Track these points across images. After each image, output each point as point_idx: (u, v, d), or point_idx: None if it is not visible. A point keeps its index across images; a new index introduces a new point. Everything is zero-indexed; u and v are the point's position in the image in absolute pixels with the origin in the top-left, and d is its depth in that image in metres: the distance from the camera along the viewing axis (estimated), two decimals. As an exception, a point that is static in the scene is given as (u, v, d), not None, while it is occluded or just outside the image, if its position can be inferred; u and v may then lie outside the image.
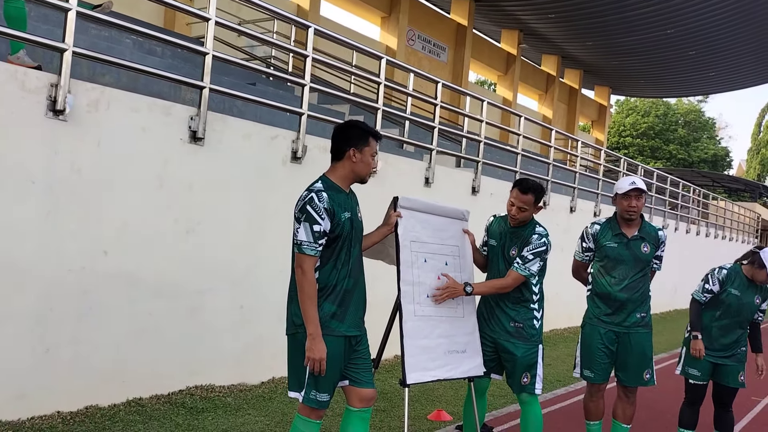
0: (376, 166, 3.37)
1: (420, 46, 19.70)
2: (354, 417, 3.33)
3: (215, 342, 5.44)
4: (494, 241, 4.19)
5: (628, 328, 4.31)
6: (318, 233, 3.07)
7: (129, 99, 4.78)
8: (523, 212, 4.01)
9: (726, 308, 4.62)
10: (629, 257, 4.29)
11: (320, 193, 3.11)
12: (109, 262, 4.68)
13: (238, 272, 5.60)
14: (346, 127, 3.34)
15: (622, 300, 4.28)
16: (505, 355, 4.08)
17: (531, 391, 4.06)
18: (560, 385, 7.00)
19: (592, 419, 4.51)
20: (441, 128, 8.30)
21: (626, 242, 4.30)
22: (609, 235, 4.37)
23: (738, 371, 4.64)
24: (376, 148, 3.35)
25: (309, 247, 3.07)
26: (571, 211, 11.39)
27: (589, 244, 4.45)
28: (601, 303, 4.37)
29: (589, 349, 4.40)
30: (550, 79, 25.56)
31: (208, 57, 5.25)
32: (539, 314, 4.10)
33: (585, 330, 4.45)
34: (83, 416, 4.49)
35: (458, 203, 4.64)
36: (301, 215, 3.08)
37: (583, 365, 4.44)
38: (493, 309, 4.12)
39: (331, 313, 3.16)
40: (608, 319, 4.33)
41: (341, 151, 3.26)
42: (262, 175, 5.75)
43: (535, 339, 4.07)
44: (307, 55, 6.18)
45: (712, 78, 26.43)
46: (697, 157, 44.55)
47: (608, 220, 4.47)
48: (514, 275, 3.97)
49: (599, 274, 4.41)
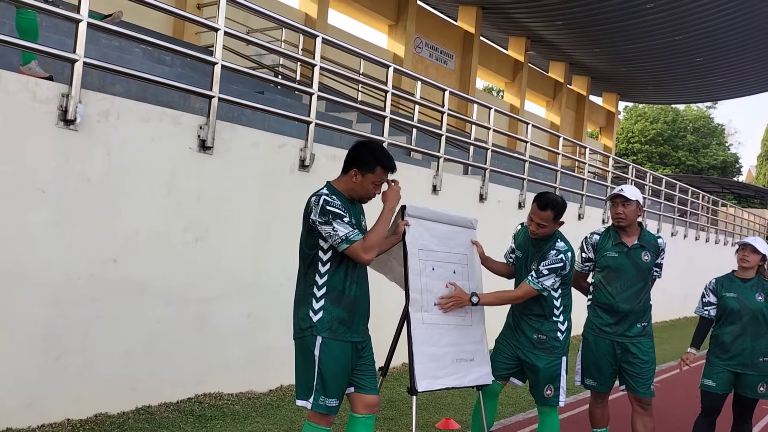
0: (378, 193, 3.37)
1: (427, 54, 19.75)
2: (358, 423, 3.33)
3: (223, 350, 5.45)
4: (520, 252, 4.19)
5: (631, 338, 4.28)
6: (350, 223, 3.13)
7: (139, 109, 4.82)
8: (542, 228, 3.97)
9: (729, 313, 4.60)
10: (630, 267, 4.27)
11: (330, 195, 3.17)
12: (118, 270, 4.71)
13: (246, 280, 5.62)
14: (361, 146, 3.34)
15: (625, 311, 4.26)
16: (529, 366, 4.07)
17: (554, 403, 4.05)
18: (569, 393, 6.95)
19: (599, 426, 4.49)
20: (448, 136, 8.32)
21: (626, 251, 4.29)
22: (609, 244, 4.34)
23: (758, 382, 4.57)
24: (383, 178, 3.31)
25: (354, 234, 3.12)
26: (579, 218, 11.36)
27: (589, 254, 4.43)
28: (602, 313, 4.35)
29: (592, 358, 4.38)
30: (558, 85, 25.54)
31: (217, 66, 5.29)
32: (564, 326, 4.06)
33: (588, 341, 4.43)
34: (93, 424, 4.51)
35: (466, 211, 4.64)
36: (327, 216, 3.11)
37: (585, 374, 4.43)
38: (518, 320, 4.12)
39: (339, 318, 3.19)
40: (610, 329, 4.31)
41: (347, 167, 3.29)
42: (270, 183, 5.77)
43: (558, 351, 4.04)
44: (315, 64, 6.22)
45: (720, 84, 26.35)
46: (707, 163, 44.35)
47: (607, 229, 4.45)
48: (525, 288, 3.96)
49: (600, 284, 4.38)
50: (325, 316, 3.17)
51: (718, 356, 4.62)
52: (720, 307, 4.64)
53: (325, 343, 3.15)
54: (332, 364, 3.16)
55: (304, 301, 3.22)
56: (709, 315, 4.69)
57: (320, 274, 3.21)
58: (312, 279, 3.22)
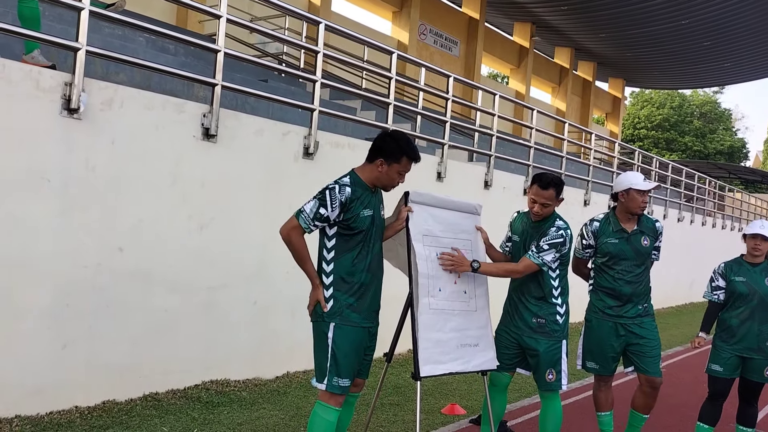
0: (402, 182, 3.44)
1: (432, 41, 19.64)
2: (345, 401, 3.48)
3: (230, 337, 5.48)
4: (517, 236, 4.19)
5: (633, 319, 4.34)
6: (320, 216, 3.27)
7: (142, 97, 4.82)
8: (546, 208, 4.00)
9: (737, 297, 4.59)
10: (631, 252, 4.32)
11: (344, 187, 3.28)
12: (124, 259, 4.73)
13: (251, 268, 5.63)
14: (387, 137, 3.46)
15: (628, 294, 4.32)
16: (529, 351, 4.09)
17: (557, 388, 4.07)
18: (573, 379, 6.97)
19: (603, 410, 4.51)
20: (453, 122, 8.28)
21: (627, 237, 4.33)
22: (609, 231, 4.38)
23: (764, 366, 4.57)
24: (408, 168, 3.46)
25: (305, 219, 3.27)
26: (585, 204, 11.33)
27: (589, 240, 4.45)
28: (605, 297, 4.39)
29: (595, 341, 4.41)
30: (564, 71, 25.39)
31: (220, 54, 5.28)
32: (563, 309, 4.08)
33: (591, 323, 4.46)
34: (101, 411, 4.55)
35: (471, 197, 4.63)
36: (318, 195, 3.28)
37: (587, 357, 4.46)
38: (516, 305, 4.13)
39: (347, 304, 3.31)
40: (613, 312, 4.35)
41: (373, 156, 3.40)
42: (274, 171, 5.77)
43: (558, 335, 4.05)
44: (318, 51, 6.19)
45: (727, 69, 26.13)
46: (713, 148, 44.08)
47: (606, 215, 4.47)
48: (526, 262, 3.96)
49: (602, 269, 4.42)
50: (335, 304, 3.30)
51: (724, 340, 4.62)
52: (728, 291, 4.64)
53: (338, 327, 3.28)
54: (345, 346, 3.29)
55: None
56: (719, 299, 4.68)
57: (326, 261, 3.35)
58: (320, 266, 3.38)
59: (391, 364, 4.39)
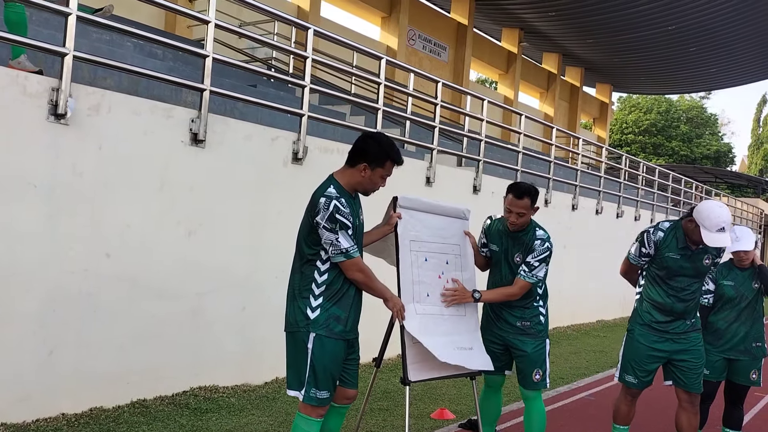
0: (383, 186, 3.39)
1: (420, 46, 19.70)
2: (334, 411, 3.45)
3: (218, 343, 5.46)
4: (496, 246, 4.16)
5: (679, 335, 4.16)
6: (353, 235, 3.18)
7: (130, 102, 4.80)
8: (521, 218, 3.98)
9: (726, 300, 4.64)
10: (691, 270, 4.10)
11: (339, 199, 3.15)
12: (111, 265, 4.71)
13: (240, 273, 5.62)
14: (370, 139, 3.33)
15: (679, 311, 4.13)
16: (516, 351, 4.10)
17: (542, 387, 4.10)
18: (563, 383, 7.01)
19: (621, 423, 4.36)
20: (442, 128, 8.31)
21: (690, 255, 4.08)
22: (673, 245, 4.09)
23: (750, 369, 4.61)
24: (391, 171, 3.35)
25: (354, 250, 3.18)
26: (573, 208, 11.38)
27: (649, 250, 4.15)
28: (654, 311, 4.19)
29: (636, 354, 4.23)
30: (552, 77, 25.54)
31: (209, 59, 5.27)
32: (544, 310, 4.14)
33: (633, 334, 4.27)
34: (88, 418, 4.51)
35: (459, 202, 4.64)
36: (335, 225, 3.12)
37: (625, 370, 4.28)
38: (500, 308, 4.14)
39: (336, 316, 3.22)
40: (661, 327, 4.17)
41: (355, 160, 3.28)
42: (263, 177, 5.77)
43: (542, 335, 4.11)
44: (307, 56, 6.20)
45: (713, 74, 26.38)
46: (700, 153, 44.44)
47: (673, 227, 4.14)
48: (521, 283, 3.98)
49: (654, 281, 4.20)
50: (323, 314, 3.19)
51: (711, 343, 4.64)
52: (716, 294, 4.67)
53: (319, 338, 3.18)
54: (325, 359, 3.19)
55: (300, 297, 3.22)
56: (708, 302, 4.70)
57: (320, 272, 3.22)
58: (310, 275, 3.23)
59: (381, 370, 4.38)
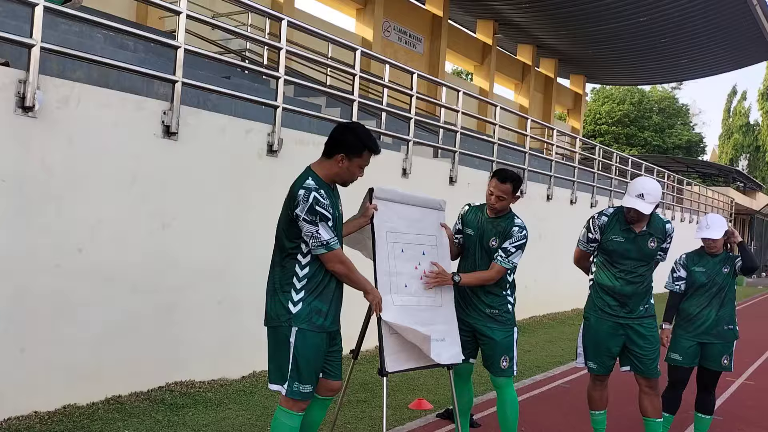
0: (361, 176, 3.37)
1: (396, 38, 19.65)
2: (317, 404, 3.44)
3: (195, 338, 5.42)
4: (471, 230, 4.19)
5: (634, 319, 4.20)
6: (333, 227, 3.16)
7: (100, 94, 4.73)
8: (501, 201, 4.03)
9: (697, 287, 4.71)
10: (636, 253, 4.16)
11: (319, 191, 3.12)
12: (83, 260, 4.64)
13: (215, 267, 5.58)
14: (346, 130, 3.29)
15: (628, 293, 4.18)
16: (483, 339, 4.12)
17: (510, 374, 4.12)
18: (539, 371, 7.08)
19: (596, 409, 4.42)
20: (417, 119, 8.32)
21: (633, 237, 4.15)
22: (616, 228, 4.19)
23: (722, 354, 4.68)
24: (368, 161, 3.32)
25: (335, 241, 3.16)
26: (547, 199, 11.48)
27: (595, 235, 4.27)
28: (605, 295, 4.26)
29: (593, 340, 4.30)
30: (526, 68, 25.65)
31: (180, 51, 5.21)
32: (512, 299, 4.17)
33: (589, 321, 4.34)
34: (61, 415, 4.45)
35: (436, 193, 4.64)
36: (315, 216, 3.09)
37: (587, 357, 4.35)
38: (469, 297, 4.16)
39: (318, 310, 3.20)
40: (613, 311, 4.22)
41: (332, 151, 3.25)
42: (237, 169, 5.72)
43: (510, 323, 4.14)
44: (281, 48, 6.15)
45: (684, 65, 26.71)
46: (672, 143, 45.09)
47: (616, 211, 4.26)
48: (497, 268, 4.01)
49: (603, 266, 4.28)
50: (305, 308, 3.16)
51: (684, 328, 4.72)
52: (688, 281, 4.75)
53: (301, 332, 3.16)
54: (308, 353, 3.17)
55: (282, 291, 3.20)
56: (680, 289, 4.78)
57: (301, 266, 3.19)
58: (291, 269, 3.20)
59: (359, 361, 4.38)
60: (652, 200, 4.02)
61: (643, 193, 4.01)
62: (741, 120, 48.47)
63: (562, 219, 11.87)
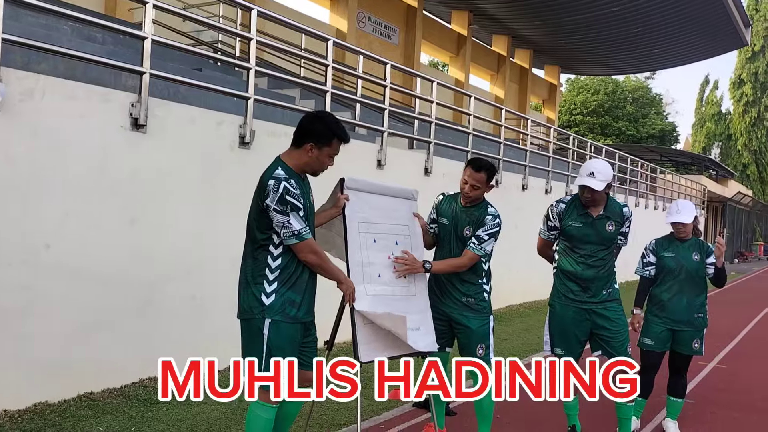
0: (331, 165, 3.34)
1: (371, 29, 19.57)
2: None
3: (168, 333, 5.36)
4: (446, 220, 4.20)
5: (597, 304, 4.27)
6: (304, 217, 3.13)
7: (65, 87, 4.63)
8: (475, 190, 4.03)
9: (667, 272, 4.77)
10: (594, 237, 4.23)
11: (289, 180, 3.09)
12: (51, 255, 4.55)
13: (189, 261, 5.51)
14: (315, 119, 3.27)
15: (589, 278, 4.24)
16: (459, 327, 4.13)
17: (486, 361, 4.12)
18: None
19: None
20: (392, 110, 8.29)
21: (591, 221, 4.23)
22: (574, 214, 4.29)
23: (693, 338, 4.75)
24: (338, 150, 3.30)
25: (306, 231, 3.13)
26: (523, 189, 11.55)
27: (555, 222, 4.36)
28: (567, 281, 4.32)
29: (559, 327, 4.36)
30: (501, 59, 25.73)
31: (147, 41, 5.12)
32: (488, 288, 4.18)
33: (555, 309, 4.40)
34: (32, 413, 4.38)
35: (411, 184, 4.63)
36: (285, 206, 3.06)
37: (554, 344, 4.41)
38: (444, 285, 4.16)
39: (291, 301, 3.18)
40: (575, 296, 4.28)
41: (301, 141, 3.22)
42: (209, 162, 5.65)
43: (486, 311, 4.15)
44: (251, 38, 6.08)
45: (657, 54, 26.97)
46: (646, 132, 45.58)
47: (573, 198, 4.37)
48: (470, 255, 4.01)
49: (564, 252, 4.36)
50: (278, 299, 3.14)
51: (655, 314, 4.79)
52: (658, 267, 4.81)
53: (275, 324, 3.14)
54: (281, 343, 3.15)
55: (254, 282, 3.17)
56: (650, 274, 4.85)
57: (273, 257, 3.16)
58: (263, 260, 3.17)
59: (335, 352, 4.37)
60: (603, 178, 4.12)
61: (593, 172, 4.12)
62: (713, 109, 49.17)
63: (537, 209, 11.91)
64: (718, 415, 5.48)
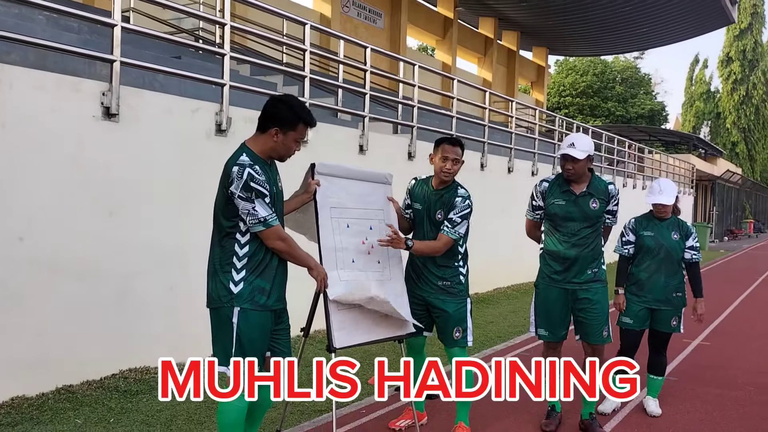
0: (298, 150, 3.29)
1: (355, 13, 19.40)
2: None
3: (147, 324, 5.33)
4: (419, 204, 4.17)
5: (581, 285, 4.24)
6: (270, 203, 3.08)
7: (33, 77, 4.56)
8: (456, 164, 4.01)
9: (646, 251, 4.77)
10: (578, 214, 4.20)
11: (253, 167, 3.04)
12: (25, 249, 4.51)
13: (165, 252, 5.47)
14: (279, 102, 3.21)
15: (572, 257, 4.21)
16: (436, 311, 4.12)
17: (463, 344, 4.12)
18: (500, 341, 7.14)
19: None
20: (373, 94, 8.23)
21: (574, 199, 4.20)
22: (557, 192, 4.26)
23: (671, 317, 4.77)
24: (304, 134, 3.25)
25: (273, 218, 3.09)
26: (509, 171, 11.52)
27: (539, 202, 4.34)
28: (551, 261, 4.30)
29: (543, 308, 4.35)
30: (488, 41, 25.58)
31: (117, 29, 5.05)
32: (464, 270, 4.16)
33: (539, 289, 4.39)
34: (9, 408, 4.35)
35: (395, 169, 4.59)
36: (250, 193, 3.01)
37: (538, 324, 4.40)
38: (420, 269, 4.14)
39: (260, 288, 3.14)
40: (559, 277, 4.26)
41: (265, 125, 3.17)
42: (185, 150, 5.60)
43: (463, 294, 4.13)
44: (225, 23, 6.00)
45: (646, 33, 26.88)
46: (635, 113, 45.59)
47: (557, 176, 4.35)
48: (445, 239, 3.99)
49: (548, 232, 4.34)
50: (246, 287, 3.10)
51: (634, 293, 4.80)
52: (637, 245, 4.81)
53: (244, 312, 3.10)
54: (251, 332, 3.12)
55: (222, 271, 3.13)
56: (628, 253, 4.85)
57: (240, 244, 3.12)
58: (231, 248, 3.13)
59: (311, 340, 4.35)
60: (583, 148, 4.12)
61: (573, 143, 4.14)
62: (702, 87, 49.21)
63: (524, 191, 11.89)
64: (698, 392, 5.51)
